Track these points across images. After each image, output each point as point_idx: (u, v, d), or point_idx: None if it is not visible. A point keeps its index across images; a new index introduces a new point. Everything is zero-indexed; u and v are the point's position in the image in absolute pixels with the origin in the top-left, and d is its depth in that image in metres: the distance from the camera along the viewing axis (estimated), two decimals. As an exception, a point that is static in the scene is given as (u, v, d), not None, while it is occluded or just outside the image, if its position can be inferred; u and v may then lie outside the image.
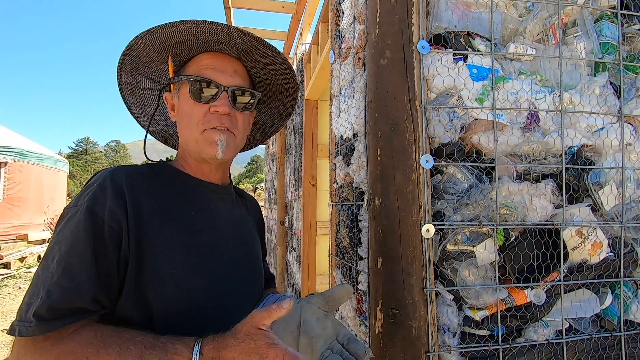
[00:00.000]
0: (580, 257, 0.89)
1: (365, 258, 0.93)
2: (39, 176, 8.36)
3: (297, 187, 2.81)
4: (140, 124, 0.92)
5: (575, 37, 0.93)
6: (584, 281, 0.89)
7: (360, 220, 0.97)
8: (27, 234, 7.59)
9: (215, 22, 0.72)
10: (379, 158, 0.84)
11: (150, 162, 0.81)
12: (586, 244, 0.88)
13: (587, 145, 0.91)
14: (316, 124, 2.57)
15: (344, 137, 1.09)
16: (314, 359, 0.62)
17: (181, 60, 0.81)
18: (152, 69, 0.84)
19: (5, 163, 7.16)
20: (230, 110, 0.75)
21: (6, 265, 6.54)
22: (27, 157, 7.88)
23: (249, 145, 0.96)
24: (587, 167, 0.89)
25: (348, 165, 1.06)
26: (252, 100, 0.81)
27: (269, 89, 0.90)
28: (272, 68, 0.85)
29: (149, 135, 0.89)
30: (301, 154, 2.63)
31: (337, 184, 1.17)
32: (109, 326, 0.59)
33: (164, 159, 0.85)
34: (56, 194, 9.40)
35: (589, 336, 0.88)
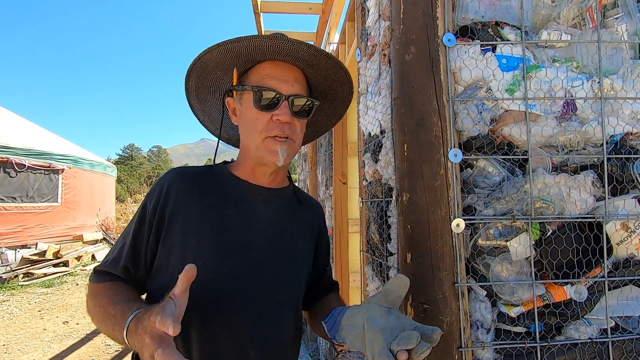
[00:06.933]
0: (627, 252, 0.84)
1: (395, 254, 0.93)
2: (91, 181, 9.04)
3: (329, 186, 2.84)
4: (201, 122, 0.99)
5: (616, 18, 0.87)
6: (632, 277, 0.84)
7: (389, 217, 0.98)
8: (82, 235, 8.24)
9: (281, 37, 0.77)
10: (405, 153, 0.84)
11: (225, 162, 0.93)
12: (633, 238, 0.82)
13: (632, 133, 0.85)
14: (346, 122, 2.58)
15: (372, 134, 1.10)
16: (381, 348, 0.63)
17: (243, 68, 0.86)
18: (216, 75, 0.89)
19: (63, 170, 7.81)
20: (290, 119, 0.79)
21: (65, 264, 7.14)
22: (81, 164, 8.54)
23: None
24: (632, 156, 0.84)
25: (376, 162, 1.06)
26: (310, 108, 0.85)
27: (324, 94, 0.94)
28: (330, 76, 0.89)
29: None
30: (332, 152, 2.66)
31: (367, 181, 1.18)
32: (121, 283, 0.79)
33: (223, 161, 0.94)
34: (106, 197, 10.11)
35: (638, 336, 0.83)
